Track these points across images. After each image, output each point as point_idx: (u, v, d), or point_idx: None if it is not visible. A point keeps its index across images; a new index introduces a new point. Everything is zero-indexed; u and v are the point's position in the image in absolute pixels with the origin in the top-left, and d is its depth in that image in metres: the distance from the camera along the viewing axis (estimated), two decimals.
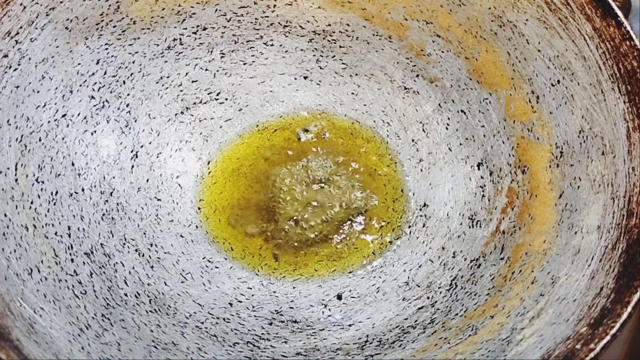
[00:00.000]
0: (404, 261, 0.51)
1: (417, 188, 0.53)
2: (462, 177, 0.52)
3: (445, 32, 0.50)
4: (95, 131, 0.50)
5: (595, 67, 0.43)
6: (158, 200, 0.52)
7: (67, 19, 0.46)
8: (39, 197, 0.45)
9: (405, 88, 0.54)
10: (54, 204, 0.46)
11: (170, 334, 0.45)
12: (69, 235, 0.46)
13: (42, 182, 0.46)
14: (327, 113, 0.55)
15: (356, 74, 0.55)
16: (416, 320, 0.47)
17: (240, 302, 0.49)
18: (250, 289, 0.50)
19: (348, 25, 0.53)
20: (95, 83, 0.49)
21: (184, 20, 0.51)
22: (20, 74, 0.45)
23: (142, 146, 0.52)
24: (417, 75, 0.53)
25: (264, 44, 0.54)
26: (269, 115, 0.55)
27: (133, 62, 0.51)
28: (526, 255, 0.45)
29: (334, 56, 0.54)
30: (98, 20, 0.48)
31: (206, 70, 0.53)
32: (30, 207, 0.44)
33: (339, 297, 0.49)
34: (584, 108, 0.44)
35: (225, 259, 0.51)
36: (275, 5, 0.53)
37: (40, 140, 0.46)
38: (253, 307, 0.49)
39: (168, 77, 0.52)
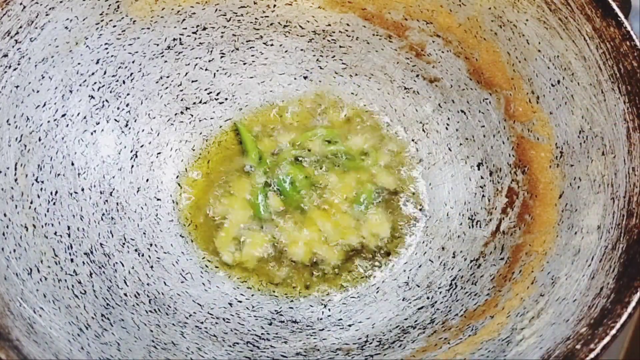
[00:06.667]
0: (404, 261, 0.51)
1: (417, 188, 0.53)
2: (462, 177, 0.52)
3: (445, 32, 0.50)
4: (95, 131, 0.50)
5: (595, 67, 0.43)
6: (158, 200, 0.52)
7: (67, 19, 0.46)
8: (38, 196, 0.45)
9: (405, 88, 0.54)
10: (54, 203, 0.46)
11: (170, 334, 0.45)
12: (69, 235, 0.46)
13: (42, 181, 0.46)
14: (326, 113, 0.55)
15: (356, 74, 0.55)
16: (416, 321, 0.47)
17: (240, 302, 0.49)
18: (250, 288, 0.50)
19: (348, 25, 0.53)
20: (95, 83, 0.49)
21: (184, 20, 0.51)
22: (20, 74, 0.45)
23: (142, 146, 0.52)
24: (417, 75, 0.53)
25: (264, 44, 0.54)
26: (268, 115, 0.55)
27: (133, 62, 0.51)
28: (526, 256, 0.45)
29: (334, 56, 0.54)
30: (98, 20, 0.48)
31: (206, 70, 0.53)
32: (30, 207, 0.44)
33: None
34: (584, 108, 0.44)
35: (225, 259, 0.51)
36: (275, 5, 0.53)
37: (40, 139, 0.46)
38: (253, 307, 0.49)
39: (168, 77, 0.52)
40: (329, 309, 0.49)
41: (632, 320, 0.49)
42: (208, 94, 0.54)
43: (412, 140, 0.54)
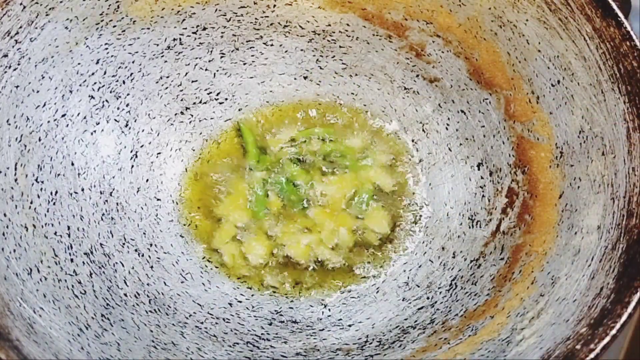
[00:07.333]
0: (403, 261, 0.51)
1: (417, 188, 0.53)
2: (462, 178, 0.52)
3: (445, 32, 0.50)
4: (95, 131, 0.50)
5: (595, 68, 0.43)
6: (158, 200, 0.52)
7: (67, 19, 0.46)
8: (38, 196, 0.45)
9: (405, 88, 0.54)
10: (54, 203, 0.46)
11: (170, 334, 0.45)
12: (69, 235, 0.46)
13: (42, 181, 0.46)
14: (326, 113, 0.55)
15: (356, 74, 0.55)
16: (416, 321, 0.47)
17: (240, 302, 0.49)
18: (250, 288, 0.50)
19: (348, 25, 0.53)
20: (95, 83, 0.49)
21: (184, 20, 0.51)
22: (20, 74, 0.45)
23: (142, 146, 0.52)
24: (417, 75, 0.53)
25: (264, 44, 0.54)
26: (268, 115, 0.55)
27: (133, 62, 0.51)
28: (526, 256, 0.45)
29: (334, 56, 0.54)
30: (98, 20, 0.48)
31: (206, 70, 0.53)
32: (29, 207, 0.44)
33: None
34: (584, 108, 0.44)
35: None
36: (275, 5, 0.53)
37: (40, 140, 0.46)
38: (253, 307, 0.49)
39: (168, 77, 0.52)
40: (329, 309, 0.49)
41: (632, 320, 0.49)
42: (208, 94, 0.54)
43: (412, 140, 0.54)
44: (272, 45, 0.54)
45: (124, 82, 0.51)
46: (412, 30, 0.52)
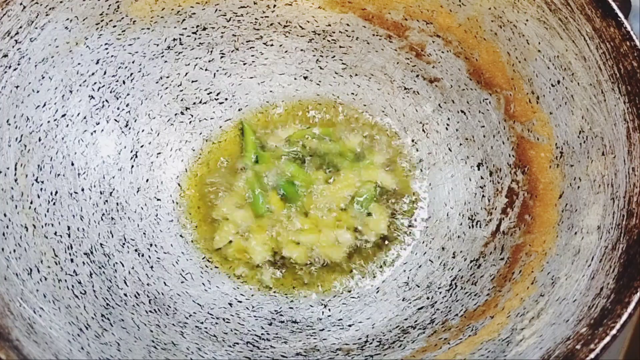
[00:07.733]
0: (403, 261, 0.51)
1: (417, 188, 0.53)
2: (462, 178, 0.52)
3: (445, 32, 0.50)
4: (95, 131, 0.50)
5: (595, 68, 0.43)
6: (158, 200, 0.52)
7: (67, 19, 0.46)
8: (38, 197, 0.45)
9: (405, 88, 0.54)
10: (54, 203, 0.46)
11: (170, 334, 0.45)
12: (69, 235, 0.46)
13: (42, 182, 0.46)
14: (326, 113, 0.55)
15: (356, 74, 0.55)
16: (416, 321, 0.47)
17: (240, 302, 0.49)
18: (250, 288, 0.50)
19: (348, 25, 0.53)
20: (95, 83, 0.49)
21: (184, 20, 0.51)
22: (20, 74, 0.45)
23: (142, 146, 0.52)
24: (417, 75, 0.53)
25: (264, 44, 0.54)
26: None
27: (133, 62, 0.51)
28: (526, 256, 0.45)
29: (334, 56, 0.54)
30: (98, 20, 0.48)
31: (206, 70, 0.53)
32: (29, 207, 0.44)
33: None
34: (584, 108, 0.44)
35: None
36: (275, 5, 0.53)
37: (40, 140, 0.46)
38: (253, 307, 0.49)
39: (168, 77, 0.52)
40: (329, 309, 0.49)
41: (632, 320, 0.49)
42: (208, 94, 0.54)
43: (412, 140, 0.54)
44: (272, 45, 0.54)
45: (124, 82, 0.51)
46: (412, 30, 0.52)
